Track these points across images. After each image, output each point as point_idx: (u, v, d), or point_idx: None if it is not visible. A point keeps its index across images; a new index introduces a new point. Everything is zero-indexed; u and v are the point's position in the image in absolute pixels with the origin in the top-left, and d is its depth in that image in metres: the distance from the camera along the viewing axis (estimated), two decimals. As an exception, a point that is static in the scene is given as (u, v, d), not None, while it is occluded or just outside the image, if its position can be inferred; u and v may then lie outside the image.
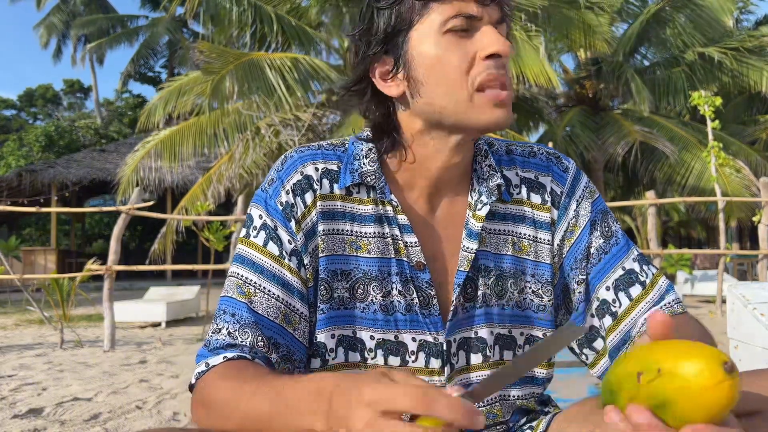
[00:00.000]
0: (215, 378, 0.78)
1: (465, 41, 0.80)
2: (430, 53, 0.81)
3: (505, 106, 0.81)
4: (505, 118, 0.81)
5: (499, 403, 0.91)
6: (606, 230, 0.93)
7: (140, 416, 2.89)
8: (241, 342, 0.83)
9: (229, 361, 0.81)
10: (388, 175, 0.90)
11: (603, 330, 0.90)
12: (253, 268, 0.86)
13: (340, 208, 0.88)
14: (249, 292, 0.85)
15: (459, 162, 0.88)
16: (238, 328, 0.84)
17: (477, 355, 0.89)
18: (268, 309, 0.85)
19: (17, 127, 29.26)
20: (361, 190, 0.89)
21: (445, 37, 0.80)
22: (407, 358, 0.87)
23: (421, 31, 0.81)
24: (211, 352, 0.83)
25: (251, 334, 0.83)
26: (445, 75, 0.80)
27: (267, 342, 0.84)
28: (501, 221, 0.92)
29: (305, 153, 0.90)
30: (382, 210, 0.88)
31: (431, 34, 0.81)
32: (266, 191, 0.89)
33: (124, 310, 6.99)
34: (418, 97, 0.83)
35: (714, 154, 6.91)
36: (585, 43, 9.58)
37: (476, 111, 0.80)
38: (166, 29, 23.63)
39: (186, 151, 9.91)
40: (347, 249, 0.88)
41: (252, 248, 0.87)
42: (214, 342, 0.84)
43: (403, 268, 0.87)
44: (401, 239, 0.87)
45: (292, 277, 0.86)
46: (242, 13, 9.41)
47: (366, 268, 0.87)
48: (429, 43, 0.81)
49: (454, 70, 0.80)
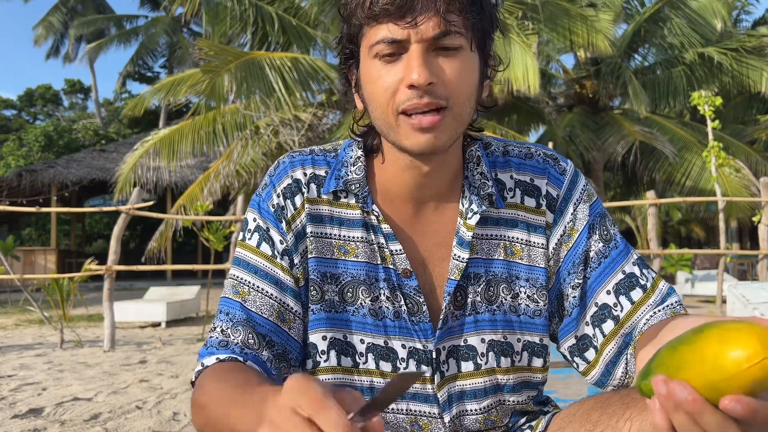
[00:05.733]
0: (206, 380, 0.81)
1: (393, 65, 0.78)
2: (366, 75, 0.82)
3: (430, 131, 0.78)
4: (430, 143, 0.78)
5: (496, 409, 0.91)
6: (605, 234, 0.92)
7: (140, 416, 2.89)
8: (232, 340, 0.86)
9: (221, 363, 0.83)
10: (374, 182, 0.91)
11: (597, 338, 0.89)
12: (247, 268, 0.89)
13: (327, 212, 0.90)
14: (243, 292, 0.88)
15: (435, 173, 0.87)
16: (230, 326, 0.87)
17: (467, 362, 0.89)
18: (261, 307, 0.87)
19: (17, 126, 29.25)
20: (349, 195, 0.90)
21: (374, 60, 0.79)
22: (398, 365, 0.88)
23: (363, 52, 0.82)
24: (208, 351, 0.86)
25: (242, 332, 0.86)
26: (377, 98, 0.80)
27: (259, 340, 0.86)
28: (494, 226, 0.91)
29: (296, 158, 0.92)
30: (367, 218, 0.89)
31: (366, 56, 0.81)
32: (260, 195, 0.92)
33: (124, 310, 6.99)
34: (369, 113, 0.85)
35: (714, 154, 6.90)
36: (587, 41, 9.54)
37: (401, 134, 0.80)
38: (165, 29, 23.61)
39: (185, 150, 9.90)
40: (335, 253, 0.89)
41: (247, 250, 0.91)
42: (210, 341, 0.88)
43: (390, 275, 0.88)
44: (386, 247, 0.88)
45: (285, 275, 0.88)
46: (243, 12, 9.41)
47: (354, 271, 0.88)
48: (366, 64, 0.82)
49: (382, 95, 0.79)
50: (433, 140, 0.78)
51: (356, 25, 0.81)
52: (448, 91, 0.78)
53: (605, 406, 0.78)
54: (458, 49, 0.78)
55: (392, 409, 0.89)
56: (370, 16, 0.77)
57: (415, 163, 0.85)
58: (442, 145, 0.80)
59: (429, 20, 0.75)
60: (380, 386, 0.89)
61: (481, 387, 0.89)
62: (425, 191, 0.89)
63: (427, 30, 0.75)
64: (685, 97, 10.86)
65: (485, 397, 0.89)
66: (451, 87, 0.78)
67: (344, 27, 0.84)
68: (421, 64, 0.75)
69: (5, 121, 31.21)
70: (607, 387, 0.91)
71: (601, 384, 0.91)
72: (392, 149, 0.86)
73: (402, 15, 0.75)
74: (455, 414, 0.89)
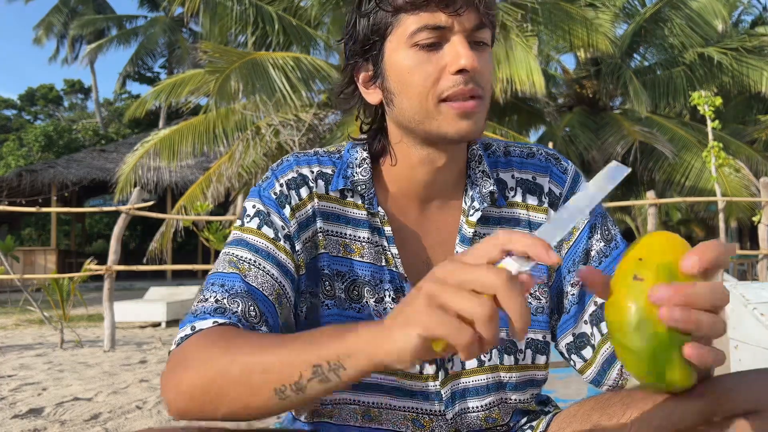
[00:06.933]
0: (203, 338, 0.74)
1: (434, 54, 0.80)
2: (400, 65, 0.81)
3: (471, 116, 0.80)
4: (471, 129, 0.81)
5: (498, 407, 0.91)
6: (606, 233, 0.92)
7: (140, 416, 2.89)
8: (231, 309, 0.78)
9: (220, 326, 0.76)
10: (380, 181, 0.91)
11: (595, 337, 0.90)
12: (247, 247, 0.85)
13: (337, 211, 0.90)
14: (243, 268, 0.83)
15: (446, 168, 0.88)
16: (227, 296, 0.79)
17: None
18: (263, 284, 0.82)
19: (17, 126, 29.25)
20: (355, 195, 0.90)
21: (413, 49, 0.80)
22: None
23: (393, 42, 0.82)
24: (198, 317, 0.78)
25: (242, 303, 0.79)
26: (413, 87, 0.81)
27: (259, 314, 0.79)
28: (495, 226, 0.92)
29: (301, 158, 0.92)
30: (372, 219, 0.89)
31: (401, 45, 0.81)
32: (260, 186, 0.91)
33: (124, 310, 6.99)
34: (393, 106, 0.85)
35: (714, 154, 6.90)
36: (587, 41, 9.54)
37: (441, 122, 0.81)
38: (164, 29, 23.61)
39: (185, 150, 9.90)
40: (341, 251, 0.89)
41: (246, 232, 0.87)
42: (200, 308, 0.79)
43: (394, 277, 0.88)
44: (389, 249, 0.89)
45: (287, 258, 0.85)
46: (243, 12, 9.41)
47: (360, 271, 0.88)
48: (399, 55, 0.81)
49: (422, 83, 0.80)
50: (473, 126, 0.81)
51: (386, 14, 0.81)
52: (482, 81, 0.81)
53: (606, 407, 0.78)
54: (486, 44, 0.83)
55: (394, 407, 0.89)
56: (415, 2, 0.78)
57: (431, 156, 0.86)
58: (479, 130, 0.82)
59: (469, 12, 0.79)
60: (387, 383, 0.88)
61: (484, 384, 0.89)
62: (433, 188, 0.90)
63: (469, 20, 0.79)
64: (685, 97, 10.85)
65: (487, 395, 0.90)
66: (483, 78, 0.81)
67: (363, 20, 0.84)
68: (469, 50, 0.78)
69: (5, 121, 31.21)
70: (602, 386, 0.91)
71: (596, 383, 0.92)
72: (405, 146, 0.87)
73: (447, 3, 0.78)
74: (457, 411, 0.89)
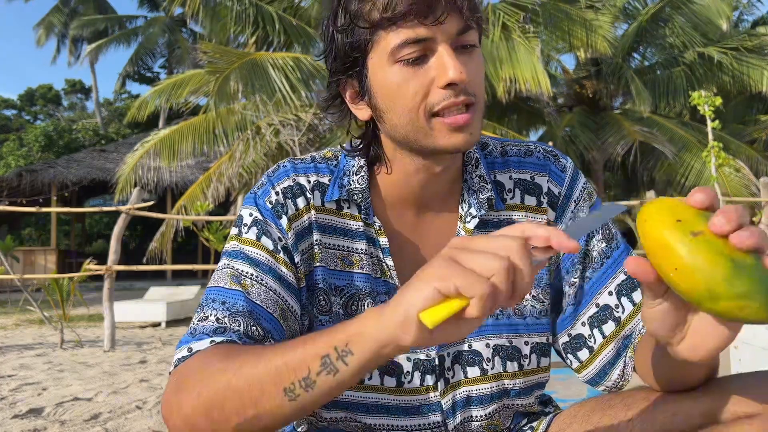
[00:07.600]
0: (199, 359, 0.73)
1: (419, 68, 0.76)
2: (386, 83, 0.78)
3: (465, 129, 0.78)
4: (467, 140, 0.78)
5: (499, 413, 0.90)
6: (607, 234, 0.91)
7: (140, 416, 2.88)
8: (231, 328, 0.77)
9: (217, 345, 0.74)
10: (376, 190, 0.89)
11: (596, 339, 0.88)
12: (248, 261, 0.83)
13: (334, 223, 0.88)
14: (245, 284, 0.81)
15: (443, 174, 0.86)
16: (228, 315, 0.78)
17: (473, 368, 0.87)
18: (267, 300, 0.80)
19: (17, 126, 29.24)
20: (351, 206, 0.88)
21: (397, 65, 0.77)
22: (403, 379, 0.86)
23: (375, 59, 0.79)
24: (196, 337, 0.77)
25: (244, 323, 0.77)
26: (403, 105, 0.78)
27: (264, 332, 0.78)
28: (494, 229, 0.90)
29: (298, 165, 0.89)
30: (367, 230, 0.88)
31: (384, 62, 0.77)
32: (255, 193, 0.88)
33: (124, 310, 6.99)
34: (384, 122, 0.83)
35: (714, 154, 6.89)
36: (587, 41, 9.54)
37: (435, 137, 0.78)
38: (163, 29, 23.59)
39: (185, 150, 9.89)
40: (339, 264, 0.87)
41: (245, 243, 0.85)
42: (200, 328, 0.78)
43: (390, 289, 0.87)
44: (384, 261, 0.87)
45: (287, 271, 0.84)
46: (243, 11, 9.41)
47: (359, 284, 0.87)
48: (384, 72, 0.78)
49: (411, 99, 0.77)
50: (469, 137, 0.78)
51: (364, 31, 0.77)
52: (474, 88, 0.78)
53: (606, 408, 0.78)
54: (474, 45, 0.79)
55: (394, 428, 0.87)
56: (392, 17, 0.74)
57: (427, 164, 0.84)
58: (475, 139, 0.79)
59: (451, 17, 0.75)
60: (386, 403, 0.86)
61: (488, 393, 0.88)
62: (429, 194, 0.88)
63: (451, 26, 0.75)
64: (685, 97, 10.85)
65: (491, 403, 0.88)
66: (474, 83, 0.78)
67: (341, 37, 0.80)
68: (456, 60, 0.75)
69: (5, 121, 31.20)
70: (600, 387, 0.90)
71: (593, 383, 0.91)
72: (400, 154, 0.85)
73: (426, 13, 0.74)
74: (459, 422, 0.87)
